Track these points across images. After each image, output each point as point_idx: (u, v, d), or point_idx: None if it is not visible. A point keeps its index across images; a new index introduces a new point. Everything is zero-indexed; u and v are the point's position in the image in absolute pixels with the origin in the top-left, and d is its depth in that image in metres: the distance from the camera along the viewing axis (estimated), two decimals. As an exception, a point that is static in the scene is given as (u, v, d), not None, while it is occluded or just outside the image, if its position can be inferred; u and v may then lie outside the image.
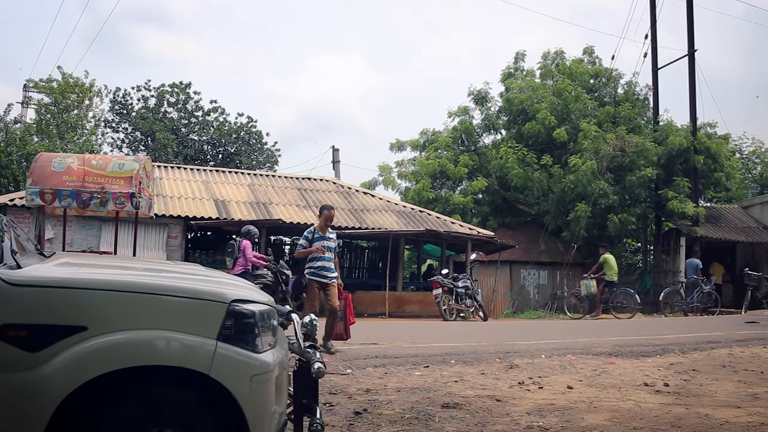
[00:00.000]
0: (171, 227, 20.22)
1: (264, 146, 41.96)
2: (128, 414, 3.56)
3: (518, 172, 26.44)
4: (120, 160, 10.31)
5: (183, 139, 39.74)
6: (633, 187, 25.41)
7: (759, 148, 38.29)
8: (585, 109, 28.20)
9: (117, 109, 39.85)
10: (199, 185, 22.89)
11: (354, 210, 22.92)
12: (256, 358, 3.77)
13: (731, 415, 7.34)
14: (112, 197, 9.58)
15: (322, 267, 10.49)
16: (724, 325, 16.14)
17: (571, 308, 21.53)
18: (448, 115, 31.45)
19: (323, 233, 10.70)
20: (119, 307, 3.60)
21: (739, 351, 11.38)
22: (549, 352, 10.86)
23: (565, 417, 7.12)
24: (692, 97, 26.02)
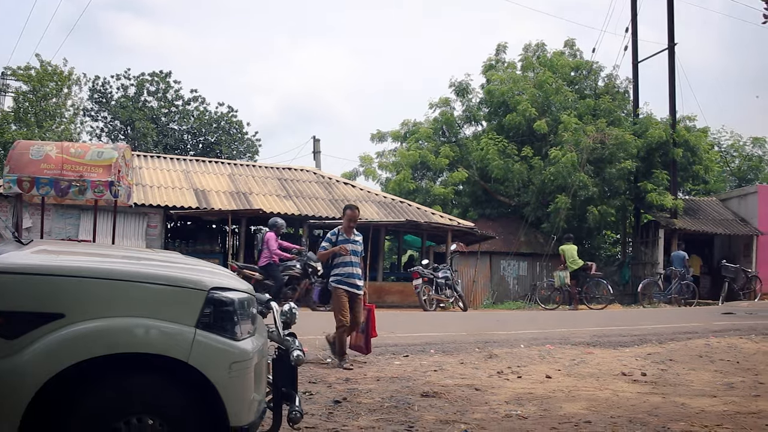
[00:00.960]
0: (150, 216, 20.11)
1: (244, 136, 41.83)
2: (107, 401, 3.54)
3: (499, 164, 26.49)
4: (99, 148, 10.23)
5: (163, 128, 39.53)
6: (612, 180, 25.54)
7: (737, 142, 38.57)
8: (566, 102, 28.30)
9: (96, 97, 39.57)
10: (179, 175, 22.77)
11: (334, 200, 22.89)
12: (235, 345, 3.76)
13: (707, 404, 7.41)
14: (90, 185, 9.50)
15: (350, 274, 9.27)
16: (701, 316, 16.30)
17: (545, 300, 21.65)
18: (430, 106, 31.52)
19: (348, 235, 9.46)
20: (97, 294, 3.58)
21: (716, 341, 11.49)
22: (528, 342, 10.92)
23: (544, 406, 7.16)
24: (671, 90, 26.17)
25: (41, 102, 31.93)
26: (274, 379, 4.38)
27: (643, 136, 25.98)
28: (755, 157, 37.70)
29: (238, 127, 41.56)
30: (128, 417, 3.56)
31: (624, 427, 6.34)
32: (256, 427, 3.98)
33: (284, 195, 22.61)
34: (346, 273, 9.24)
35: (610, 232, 31.16)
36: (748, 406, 7.37)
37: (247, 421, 3.80)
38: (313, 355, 9.42)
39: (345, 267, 9.26)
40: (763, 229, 26.09)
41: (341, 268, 9.27)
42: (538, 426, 6.31)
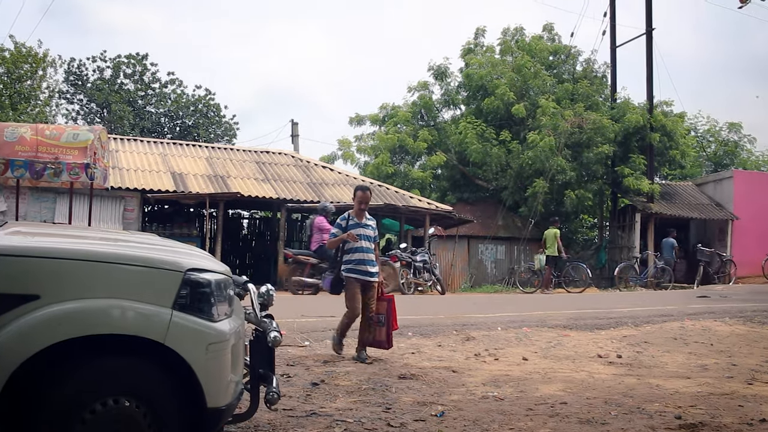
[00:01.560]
0: (127, 200, 19.96)
1: (222, 119, 41.58)
2: (83, 383, 3.52)
3: (477, 148, 26.52)
4: (74, 130, 10.12)
5: (139, 111, 39.21)
6: (590, 164, 25.65)
7: (713, 127, 38.84)
8: (544, 86, 28.36)
9: (72, 80, 39.15)
10: (156, 158, 22.61)
11: (313, 184, 22.84)
12: (211, 327, 3.75)
13: (681, 385, 7.51)
14: (66, 168, 9.41)
15: (361, 260, 8.67)
16: (676, 300, 16.47)
17: (524, 283, 21.78)
18: (408, 89, 31.51)
19: (359, 219, 8.86)
20: (73, 275, 3.55)
21: (690, 324, 11.62)
22: (505, 325, 10.99)
23: (520, 387, 7.23)
24: (649, 75, 26.31)
25: (15, 84, 31.50)
26: (251, 361, 4.38)
27: (621, 121, 26.08)
28: (731, 143, 38.00)
29: (216, 110, 41.30)
30: (104, 398, 3.54)
31: (599, 408, 6.41)
32: (233, 408, 3.99)
33: (262, 178, 22.52)
34: (357, 260, 8.66)
35: (587, 216, 31.31)
36: (722, 387, 7.47)
37: (224, 403, 3.80)
38: (291, 338, 9.42)
39: (356, 253, 8.68)
40: (738, 213, 26.35)
41: (352, 255, 8.70)
42: (515, 407, 6.37)
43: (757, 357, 9.33)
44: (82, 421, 3.48)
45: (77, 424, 3.46)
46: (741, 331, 11.18)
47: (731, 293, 18.20)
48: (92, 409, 3.51)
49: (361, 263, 8.66)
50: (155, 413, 3.65)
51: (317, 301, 14.32)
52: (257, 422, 5.56)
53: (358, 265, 8.64)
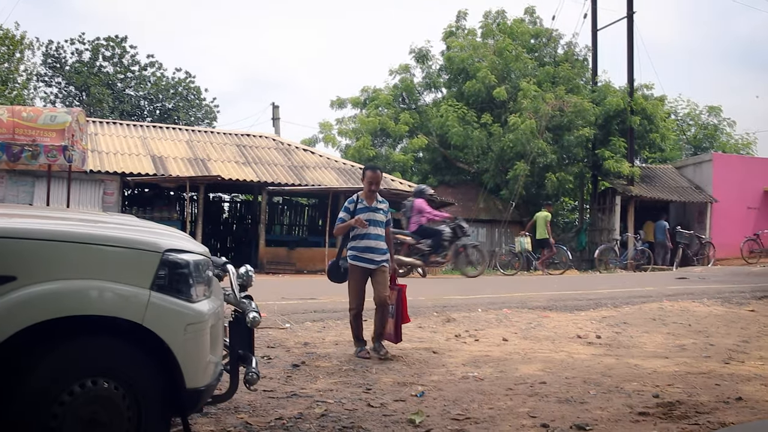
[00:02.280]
0: (107, 184, 19.82)
1: (202, 102, 41.32)
2: (61, 364, 3.50)
3: (458, 131, 26.51)
4: (52, 112, 10.02)
5: (119, 94, 38.86)
6: (571, 147, 25.74)
7: (693, 111, 39.04)
8: (525, 69, 28.36)
9: (50, 62, 38.73)
10: (135, 141, 22.45)
11: (294, 167, 22.78)
12: (190, 307, 3.74)
13: (659, 365, 7.58)
14: (43, 150, 9.32)
15: (366, 248, 7.85)
16: (655, 281, 16.59)
17: (504, 266, 21.86)
18: (389, 72, 31.44)
19: (369, 203, 8.04)
20: (50, 256, 3.52)
21: (669, 305, 11.71)
22: (485, 306, 11.03)
23: (500, 368, 7.27)
24: (630, 58, 26.38)
25: (-8, 67, 31.18)
26: (230, 342, 4.38)
27: (602, 104, 26.16)
28: (711, 126, 38.21)
29: (196, 93, 41.02)
30: (83, 380, 3.53)
31: (578, 387, 6.46)
32: (213, 389, 3.98)
33: (243, 161, 22.43)
34: (364, 247, 7.84)
35: (567, 198, 31.46)
36: (699, 366, 7.55)
37: (204, 383, 3.79)
38: (271, 320, 9.42)
39: (362, 240, 7.87)
40: (718, 196, 26.56)
41: (359, 241, 7.88)
42: (495, 387, 6.41)
43: (735, 337, 9.43)
44: (60, 402, 3.46)
45: (55, 405, 3.45)
46: (719, 312, 11.28)
47: (710, 275, 18.35)
48: (70, 390, 3.49)
49: (368, 251, 7.84)
50: (134, 394, 3.64)
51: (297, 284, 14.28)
52: (237, 403, 5.57)
53: (363, 252, 7.84)
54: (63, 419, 3.45)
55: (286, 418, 5.30)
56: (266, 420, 5.24)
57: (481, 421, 5.37)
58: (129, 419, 3.63)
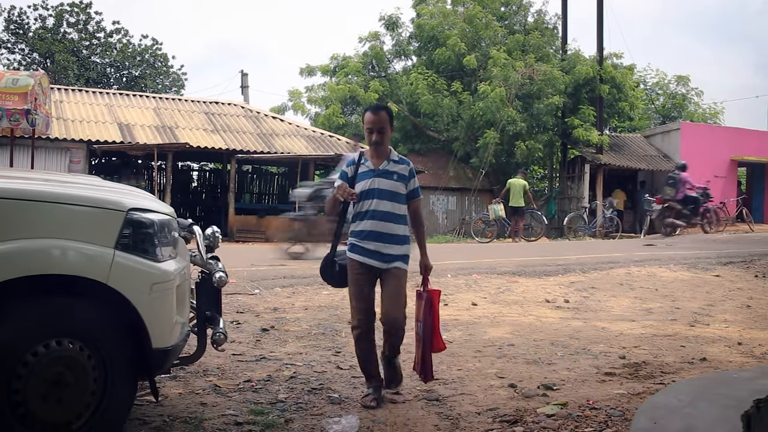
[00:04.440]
0: (73, 152, 19.57)
1: (170, 70, 40.79)
2: (23, 324, 3.46)
3: (428, 99, 26.42)
4: (14, 75, 9.83)
5: (84, 61, 38.23)
6: (540, 115, 25.78)
7: (662, 80, 39.21)
8: (495, 37, 28.28)
9: (12, 29, 37.96)
10: (102, 109, 22.15)
11: (263, 134, 22.62)
12: (155, 267, 3.70)
13: (626, 327, 7.69)
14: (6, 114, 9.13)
15: (371, 233, 5.03)
16: (623, 248, 16.76)
17: (479, 233, 21.94)
18: (359, 40, 31.19)
19: (376, 163, 5.14)
20: (11, 215, 3.45)
21: (636, 270, 11.84)
22: (455, 272, 11.07)
23: (469, 331, 7.32)
24: (599, 26, 26.38)
25: (-47, 32, 30.55)
26: (197, 303, 4.34)
27: (571, 73, 26.18)
28: (679, 96, 38.42)
29: (163, 61, 40.46)
30: (47, 340, 3.49)
31: (546, 349, 6.54)
32: (180, 349, 3.96)
33: (211, 129, 22.23)
34: (363, 231, 5.04)
35: (537, 167, 31.57)
36: (665, 329, 7.67)
37: (170, 343, 3.77)
38: (241, 286, 9.39)
39: (363, 221, 5.05)
40: (685, 164, 26.77)
41: (357, 224, 5.10)
42: (463, 349, 6.46)
43: (700, 301, 9.57)
44: (24, 363, 3.42)
45: (19, 365, 3.41)
46: (685, 277, 11.42)
47: (676, 242, 18.57)
48: (34, 351, 3.45)
49: (372, 238, 5.00)
50: (100, 355, 3.61)
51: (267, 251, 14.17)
52: (206, 367, 5.56)
53: (365, 241, 5.03)
54: (27, 379, 3.41)
55: (255, 380, 5.29)
56: (235, 383, 5.23)
57: (450, 381, 5.41)
58: (95, 380, 3.60)
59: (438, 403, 4.89)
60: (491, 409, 4.71)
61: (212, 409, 4.57)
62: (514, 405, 4.79)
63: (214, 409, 4.57)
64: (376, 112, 5.12)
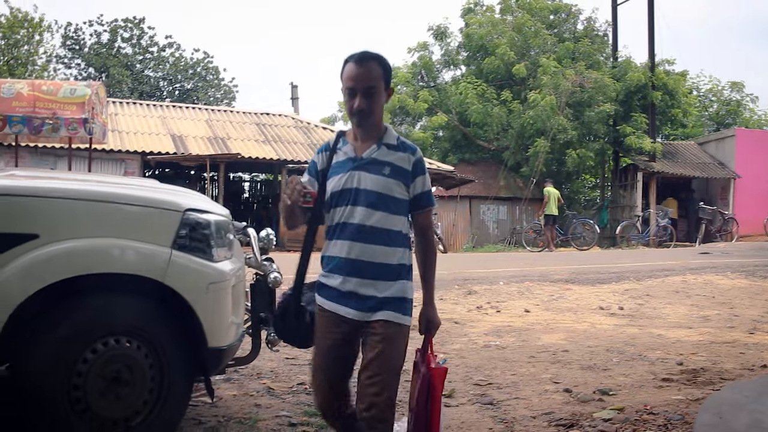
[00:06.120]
0: (128, 163, 19.90)
1: (221, 82, 41.36)
2: (84, 322, 3.51)
3: (478, 108, 26.36)
4: (71, 85, 10.04)
5: (138, 75, 38.96)
6: (591, 123, 25.51)
7: (715, 86, 38.54)
8: (544, 45, 28.11)
9: (69, 44, 38.88)
10: (155, 120, 22.52)
11: (313, 145, 22.73)
12: (211, 266, 3.73)
13: (683, 334, 7.54)
14: (64, 123, 9.34)
15: (335, 262, 3.16)
16: (678, 256, 16.47)
17: (530, 242, 21.76)
18: (408, 50, 31.33)
19: (360, 149, 3.16)
20: (72, 214, 3.52)
21: (692, 278, 11.63)
22: (507, 279, 10.99)
23: (522, 337, 7.25)
24: (651, 32, 26.05)
25: (12, 50, 31.31)
26: (252, 305, 4.36)
27: (622, 80, 25.91)
28: (733, 102, 37.72)
29: (215, 73, 41.06)
30: (105, 338, 3.54)
31: (601, 355, 6.44)
32: (235, 349, 3.98)
33: (262, 140, 22.44)
34: (329, 259, 3.21)
35: (588, 175, 31.24)
36: (723, 336, 7.50)
37: (226, 343, 3.79)
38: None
39: (332, 242, 3.22)
40: (741, 172, 26.24)
41: (328, 246, 3.25)
42: (517, 355, 6.39)
43: (759, 309, 9.35)
44: (84, 360, 3.47)
45: (79, 363, 3.46)
46: (742, 285, 11.19)
47: (733, 250, 18.21)
48: (93, 348, 3.50)
49: (344, 269, 3.13)
50: (157, 354, 3.64)
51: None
52: (260, 370, 5.59)
53: (332, 275, 3.18)
54: (87, 376, 3.46)
55: (308, 383, 5.30)
56: (288, 385, 5.25)
57: (504, 386, 5.35)
58: (152, 378, 3.63)
59: (492, 406, 4.84)
60: (546, 413, 4.65)
61: (266, 410, 4.59)
62: (569, 409, 4.73)
63: (268, 410, 4.59)
64: (363, 62, 3.11)
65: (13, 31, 31.20)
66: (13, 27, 31.12)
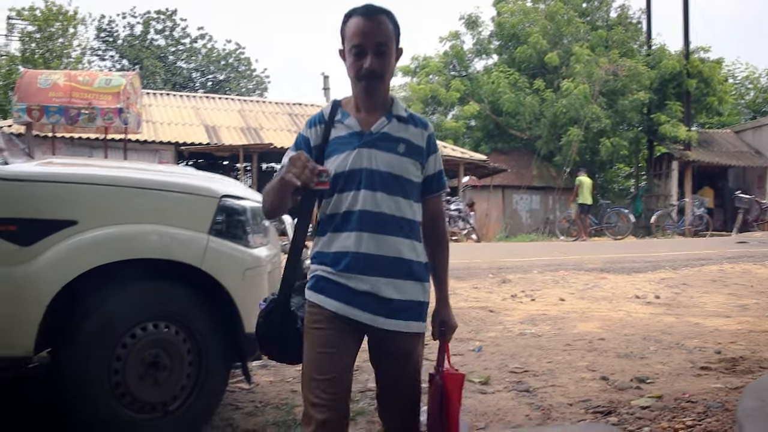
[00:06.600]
0: (162, 153, 20.04)
1: (253, 73, 41.54)
2: (122, 307, 3.55)
3: (510, 97, 26.22)
4: (107, 75, 10.14)
5: (171, 66, 39.26)
6: (625, 111, 25.27)
7: (752, 74, 37.99)
8: (577, 33, 27.86)
9: (103, 36, 39.28)
10: (189, 111, 22.67)
11: (345, 135, 22.76)
12: (248, 252, 3.75)
13: (721, 323, 7.44)
14: (100, 113, 9.43)
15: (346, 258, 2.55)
16: (715, 245, 16.26)
17: (563, 232, 21.63)
18: (440, 40, 31.27)
19: (365, 122, 2.63)
20: (110, 201, 3.56)
21: (730, 267, 11.47)
22: (541, 268, 10.93)
23: (558, 325, 7.20)
24: (685, 19, 25.72)
25: (47, 42, 31.70)
26: (289, 292, 4.35)
27: (657, 68, 25.63)
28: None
29: (247, 64, 41.28)
30: (144, 323, 3.57)
31: (637, 343, 6.37)
32: (271, 335, 3.98)
33: (295, 130, 22.48)
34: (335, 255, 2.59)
35: (622, 165, 30.95)
36: (762, 325, 7.38)
37: (262, 329, 3.80)
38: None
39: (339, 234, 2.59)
40: (779, 160, 25.89)
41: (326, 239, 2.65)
42: (552, 343, 6.35)
43: (798, 298, 9.20)
44: (123, 345, 3.51)
45: (119, 347, 3.50)
46: (782, 274, 11.02)
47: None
48: (132, 333, 3.54)
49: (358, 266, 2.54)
50: (194, 338, 3.68)
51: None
52: (295, 357, 5.59)
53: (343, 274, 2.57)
54: (126, 361, 3.50)
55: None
56: (324, 372, 5.25)
57: (540, 374, 5.32)
58: (190, 363, 3.66)
59: (528, 394, 4.81)
60: (583, 401, 4.61)
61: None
62: (606, 397, 4.68)
63: (305, 396, 4.59)
64: (372, 16, 2.64)
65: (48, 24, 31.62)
66: (48, 20, 31.54)
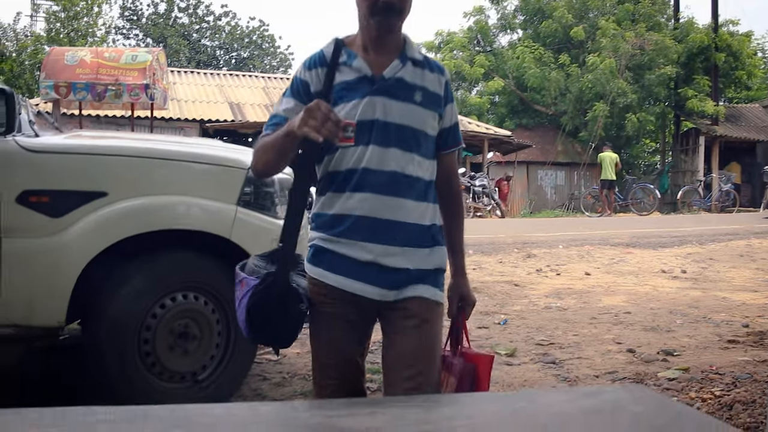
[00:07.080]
0: (186, 131, 20.10)
1: (277, 50, 41.48)
2: (151, 278, 3.59)
3: (535, 72, 26.01)
4: (133, 51, 10.16)
5: (195, 44, 39.29)
6: (652, 86, 24.96)
7: (782, 48, 37.34)
8: (603, 7, 27.50)
9: (127, 15, 39.35)
10: (213, 89, 22.71)
11: (369, 112, 22.74)
12: (276, 223, 3.75)
13: (748, 297, 7.41)
14: (126, 89, 9.47)
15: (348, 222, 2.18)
16: (742, 221, 16.14)
17: (588, 207, 21.53)
18: (464, 15, 31.03)
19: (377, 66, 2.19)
20: (139, 172, 3.59)
21: (757, 242, 11.39)
22: (566, 243, 10.91)
23: (583, 299, 7.20)
24: (714, -9, 25.35)
25: (72, 22, 31.78)
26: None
27: (684, 41, 25.27)
28: (801, 63, 36.56)
29: (271, 41, 41.19)
30: (174, 293, 3.61)
31: (664, 317, 6.36)
32: (299, 307, 4.01)
33: (318, 107, 22.48)
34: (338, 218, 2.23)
35: (648, 140, 30.65)
36: (791, 299, 7.34)
37: (291, 299, 3.82)
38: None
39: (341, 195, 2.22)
40: (808, 135, 25.52)
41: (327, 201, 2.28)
42: (578, 316, 6.35)
43: (827, 272, 9.13)
44: (153, 315, 3.56)
45: (148, 317, 3.54)
46: (810, 249, 10.92)
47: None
48: (162, 303, 3.58)
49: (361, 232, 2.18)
50: (223, 309, 3.71)
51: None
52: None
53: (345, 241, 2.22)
54: (156, 331, 3.55)
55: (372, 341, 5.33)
56: (350, 344, 5.28)
57: (566, 346, 5.32)
58: (219, 333, 3.70)
59: (555, 366, 4.82)
60: (610, 372, 4.61)
61: (329, 367, 4.63)
62: (633, 369, 4.69)
63: (332, 367, 4.63)
64: None
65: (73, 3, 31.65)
66: (72, -1, 31.57)
